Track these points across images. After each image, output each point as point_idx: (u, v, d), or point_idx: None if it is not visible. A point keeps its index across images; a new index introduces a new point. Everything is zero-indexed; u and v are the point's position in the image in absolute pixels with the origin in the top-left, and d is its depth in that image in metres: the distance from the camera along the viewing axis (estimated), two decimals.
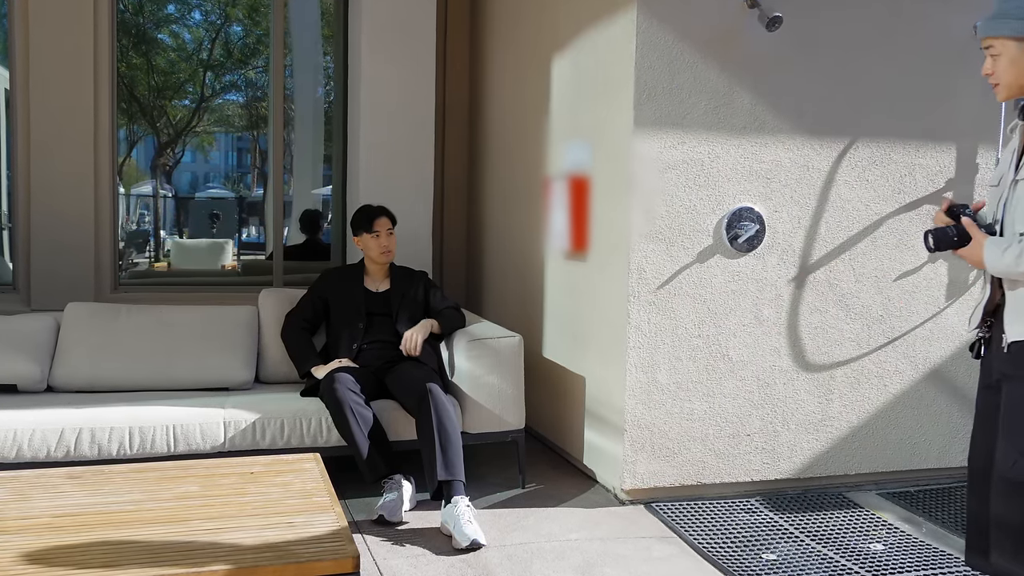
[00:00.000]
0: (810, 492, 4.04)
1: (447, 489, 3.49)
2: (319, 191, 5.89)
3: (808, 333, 3.97)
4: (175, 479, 2.73)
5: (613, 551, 3.34)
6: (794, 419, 3.98)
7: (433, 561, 3.21)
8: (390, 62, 4.97)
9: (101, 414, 3.59)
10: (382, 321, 4.15)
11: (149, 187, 6.19)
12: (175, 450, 3.58)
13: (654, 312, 3.78)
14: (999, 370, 2.45)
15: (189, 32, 5.77)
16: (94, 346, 4.08)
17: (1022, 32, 2.34)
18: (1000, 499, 2.38)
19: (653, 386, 3.80)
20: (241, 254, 6.38)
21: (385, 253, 4.19)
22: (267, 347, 4.33)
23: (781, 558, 3.32)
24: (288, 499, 2.56)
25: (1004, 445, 2.36)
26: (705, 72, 3.76)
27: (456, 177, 5.73)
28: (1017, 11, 2.34)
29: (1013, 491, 2.33)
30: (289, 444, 3.69)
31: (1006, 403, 2.39)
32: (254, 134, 6.39)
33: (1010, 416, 2.37)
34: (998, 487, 2.39)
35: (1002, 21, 2.37)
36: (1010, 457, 2.33)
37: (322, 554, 2.18)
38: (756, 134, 3.84)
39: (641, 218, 3.74)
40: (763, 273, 3.90)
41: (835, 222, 3.97)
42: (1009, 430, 2.36)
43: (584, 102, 4.15)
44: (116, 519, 2.38)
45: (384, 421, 3.77)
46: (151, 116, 5.80)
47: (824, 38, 3.89)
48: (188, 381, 4.11)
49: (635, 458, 3.81)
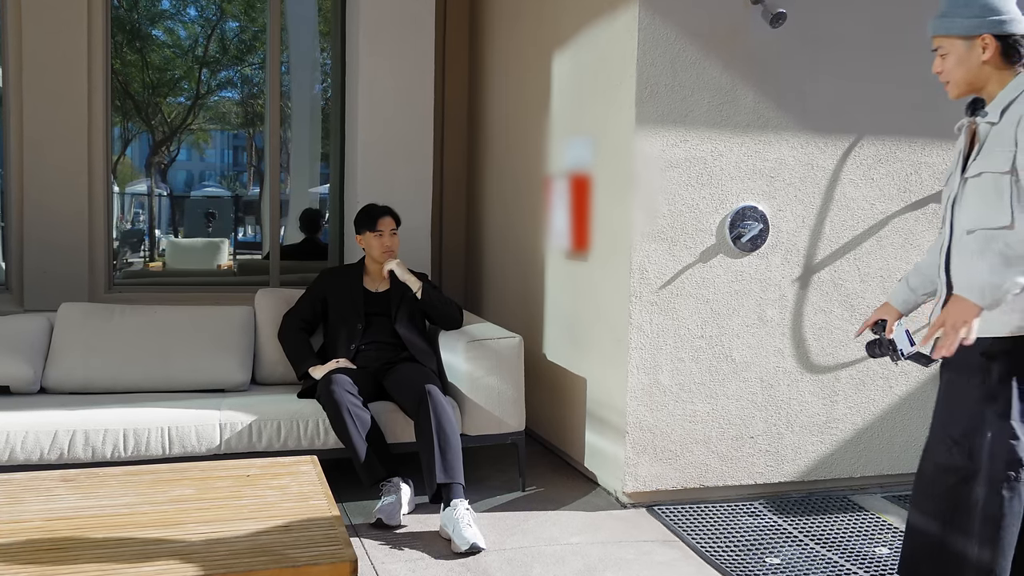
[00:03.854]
0: (814, 495, 4.00)
1: (446, 492, 3.47)
2: (316, 189, 5.85)
3: (813, 334, 3.94)
4: (170, 482, 2.71)
5: (614, 555, 3.30)
6: (798, 421, 3.95)
7: (432, 565, 3.17)
8: (388, 58, 4.94)
9: (95, 416, 3.56)
10: (381, 322, 4.12)
11: (144, 185, 6.15)
12: (170, 452, 3.55)
13: (656, 312, 3.74)
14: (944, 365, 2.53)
15: (184, 28, 5.73)
16: (88, 347, 4.04)
17: (968, 31, 2.41)
18: (925, 486, 2.49)
19: (655, 387, 3.76)
20: (237, 253, 6.34)
21: (387, 253, 4.17)
22: (263, 348, 4.29)
23: (785, 562, 3.29)
24: (285, 502, 2.54)
25: (938, 432, 2.46)
26: (708, 69, 3.73)
27: (455, 176, 5.70)
28: (963, 10, 2.41)
29: (941, 476, 2.43)
30: (286, 446, 3.66)
31: (940, 393, 2.48)
32: (250, 132, 6.34)
33: (943, 405, 2.47)
34: (923, 474, 2.49)
35: (949, 20, 2.43)
36: (941, 445, 2.44)
37: (319, 558, 2.15)
38: (760, 132, 3.80)
39: (643, 217, 3.71)
40: (767, 273, 3.86)
41: (840, 221, 3.93)
42: (941, 420, 2.46)
43: (585, 99, 4.12)
44: (110, 522, 2.36)
45: (382, 423, 3.73)
46: (146, 113, 5.75)
47: (828, 34, 3.85)
48: (183, 382, 4.08)
49: (637, 460, 3.77)
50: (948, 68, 2.46)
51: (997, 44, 2.39)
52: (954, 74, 2.45)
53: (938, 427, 2.47)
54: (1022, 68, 2.42)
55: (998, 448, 2.35)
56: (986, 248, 2.33)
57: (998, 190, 2.34)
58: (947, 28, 2.43)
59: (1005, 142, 2.34)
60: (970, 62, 2.42)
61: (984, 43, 2.39)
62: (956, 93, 2.49)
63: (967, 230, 2.42)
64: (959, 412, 2.42)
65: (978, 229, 2.38)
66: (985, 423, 2.37)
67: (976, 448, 2.37)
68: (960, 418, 2.41)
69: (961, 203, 2.46)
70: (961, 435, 2.40)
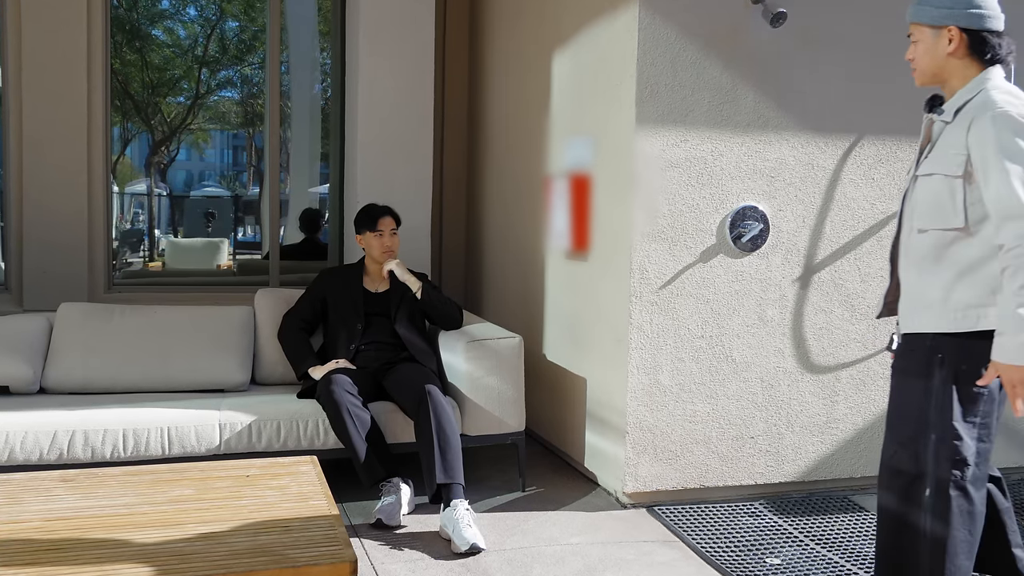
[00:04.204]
0: (815, 495, 3.99)
1: (446, 492, 3.46)
2: (316, 189, 5.85)
3: (813, 334, 3.93)
4: (169, 482, 2.71)
5: (615, 555, 3.30)
6: (799, 421, 3.94)
7: (432, 565, 3.16)
8: (388, 58, 4.93)
9: (94, 416, 3.55)
10: (380, 322, 4.11)
11: (143, 185, 6.14)
12: (169, 453, 3.55)
13: (656, 313, 3.74)
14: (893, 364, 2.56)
15: (184, 28, 5.73)
16: (87, 347, 4.03)
17: (936, 20, 2.43)
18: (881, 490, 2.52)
19: (655, 388, 3.76)
20: (237, 253, 6.33)
21: (387, 253, 4.16)
22: (263, 348, 4.29)
23: (785, 562, 3.28)
24: (284, 503, 2.54)
25: (887, 435, 2.49)
26: (708, 69, 3.72)
27: (455, 175, 5.69)
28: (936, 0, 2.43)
29: (891, 480, 2.46)
30: (285, 447, 3.65)
31: (890, 395, 2.51)
32: (250, 131, 6.33)
33: (891, 408, 2.50)
34: (880, 478, 2.52)
35: (920, 8, 2.45)
36: (890, 448, 2.47)
37: (319, 559, 2.15)
38: (760, 132, 3.80)
39: (643, 217, 3.70)
40: (767, 273, 3.85)
41: (840, 221, 3.93)
42: (890, 422, 2.48)
43: (585, 99, 4.11)
44: (109, 523, 2.36)
45: (382, 423, 3.73)
46: (145, 113, 5.75)
47: (829, 34, 3.85)
48: (183, 382, 4.07)
49: (637, 461, 3.76)
50: (918, 55, 2.48)
51: (963, 37, 2.40)
52: (921, 62, 2.48)
53: (888, 430, 2.51)
54: (991, 65, 2.41)
55: (943, 450, 2.38)
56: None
57: (951, 192, 2.36)
58: (918, 16, 2.46)
59: (957, 145, 2.36)
60: (936, 52, 2.44)
61: (951, 34, 2.41)
62: (921, 81, 2.51)
63: (919, 229, 2.45)
64: (906, 415, 2.45)
65: (931, 229, 2.42)
66: (929, 426, 2.40)
67: (921, 451, 2.40)
68: (907, 421, 2.44)
69: (911, 200, 2.49)
70: (907, 438, 2.44)
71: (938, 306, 2.39)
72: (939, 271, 2.40)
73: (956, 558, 2.37)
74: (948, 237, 2.38)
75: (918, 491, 2.41)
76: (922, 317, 2.44)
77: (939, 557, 2.37)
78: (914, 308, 2.47)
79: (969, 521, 2.38)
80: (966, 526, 2.38)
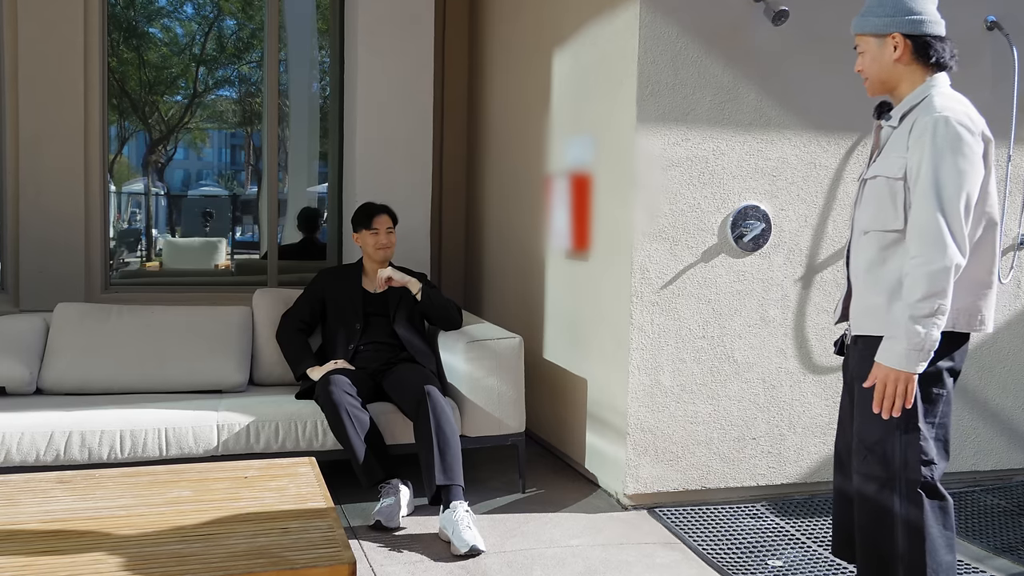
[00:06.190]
0: (817, 497, 3.98)
1: (445, 494, 3.45)
2: (314, 189, 5.83)
3: (815, 334, 3.91)
4: (167, 483, 2.70)
5: (615, 557, 3.28)
6: (801, 422, 3.92)
7: (431, 567, 3.15)
8: (387, 56, 4.92)
9: (91, 417, 3.53)
10: (379, 322, 4.09)
11: (140, 185, 6.11)
12: (167, 454, 3.53)
13: (657, 313, 3.72)
14: (851, 371, 2.59)
15: (181, 26, 5.70)
16: (84, 347, 4.01)
17: (879, 29, 2.46)
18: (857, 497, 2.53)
19: (656, 388, 3.74)
20: (235, 253, 6.30)
21: (382, 251, 4.14)
22: (261, 348, 4.27)
23: (787, 564, 3.27)
24: (283, 504, 2.53)
25: (855, 442, 2.52)
26: (710, 67, 3.71)
27: (455, 174, 5.67)
28: (878, 9, 2.47)
29: (864, 484, 2.48)
30: (284, 448, 3.64)
31: (856, 402, 2.53)
32: (248, 130, 6.31)
33: (857, 413, 2.51)
34: (855, 483, 2.54)
35: (864, 19, 2.50)
36: (860, 454, 2.49)
37: (317, 560, 2.14)
38: (762, 130, 3.78)
39: (644, 216, 3.68)
40: (769, 273, 3.84)
41: (842, 220, 3.91)
42: (856, 428, 2.51)
43: (586, 97, 4.09)
44: (107, 524, 2.35)
45: (381, 424, 3.71)
46: (142, 112, 5.72)
47: (831, 32, 3.83)
48: (180, 383, 4.05)
49: (638, 462, 3.75)
50: (866, 66, 2.52)
51: (908, 43, 2.44)
52: (870, 71, 2.51)
53: (856, 436, 2.52)
54: (937, 70, 2.46)
55: (910, 452, 2.41)
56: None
57: (892, 194, 2.41)
58: (862, 27, 2.50)
59: (900, 148, 2.41)
60: (882, 60, 2.48)
61: (895, 42, 2.45)
62: (872, 91, 2.54)
63: (863, 230, 2.49)
64: (872, 420, 2.46)
65: (873, 231, 2.46)
66: (895, 429, 2.42)
67: (889, 455, 2.43)
68: (873, 426, 2.46)
69: (859, 203, 2.54)
70: (874, 443, 2.45)
71: (883, 310, 2.42)
72: (884, 273, 2.43)
73: (936, 554, 2.40)
74: (889, 239, 2.42)
75: (888, 497, 2.43)
76: (870, 320, 2.47)
77: (919, 556, 2.40)
78: (863, 311, 2.50)
79: (943, 516, 2.42)
80: (940, 521, 2.42)
